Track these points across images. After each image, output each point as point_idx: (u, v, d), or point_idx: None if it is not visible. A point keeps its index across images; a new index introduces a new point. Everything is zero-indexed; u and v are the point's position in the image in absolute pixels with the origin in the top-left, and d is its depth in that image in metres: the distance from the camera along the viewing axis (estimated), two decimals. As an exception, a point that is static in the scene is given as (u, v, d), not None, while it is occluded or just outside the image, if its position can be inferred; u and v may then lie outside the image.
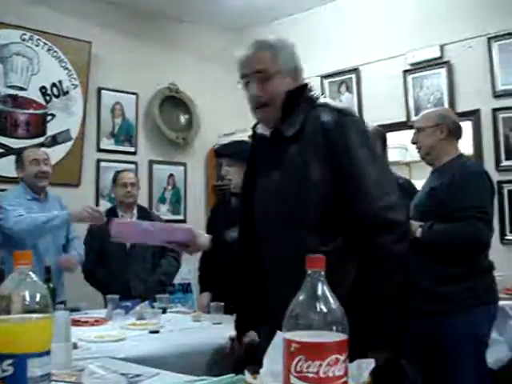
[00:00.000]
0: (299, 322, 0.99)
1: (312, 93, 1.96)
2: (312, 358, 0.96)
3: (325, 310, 0.98)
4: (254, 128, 2.11)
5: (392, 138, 4.75)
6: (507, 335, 3.61)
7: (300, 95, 1.93)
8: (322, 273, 1.01)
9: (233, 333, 2.76)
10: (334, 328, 0.98)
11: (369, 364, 1.42)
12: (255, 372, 1.49)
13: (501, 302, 3.36)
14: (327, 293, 1.00)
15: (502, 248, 4.45)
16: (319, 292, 1.00)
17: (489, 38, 4.75)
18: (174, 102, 5.82)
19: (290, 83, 1.91)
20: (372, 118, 5.07)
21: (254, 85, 1.89)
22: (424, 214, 2.83)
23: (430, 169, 3.10)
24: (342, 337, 0.98)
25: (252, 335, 2.65)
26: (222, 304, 3.20)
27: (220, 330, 2.91)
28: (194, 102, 5.88)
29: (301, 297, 1.01)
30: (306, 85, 1.98)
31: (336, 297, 1.00)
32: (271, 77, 1.88)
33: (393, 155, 5.04)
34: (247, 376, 1.41)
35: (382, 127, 4.03)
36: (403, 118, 5.06)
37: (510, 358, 3.62)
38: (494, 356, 3.44)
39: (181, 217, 5.80)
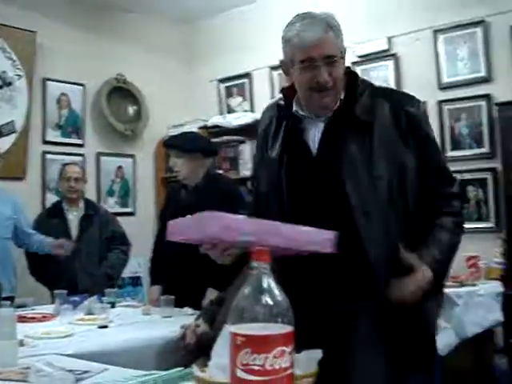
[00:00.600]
0: (245, 315, 0.98)
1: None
2: (258, 350, 0.96)
3: (270, 302, 0.98)
4: (282, 106, 1.97)
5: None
6: (453, 322, 3.70)
7: (355, 78, 1.91)
8: (268, 265, 1.00)
9: (186, 322, 2.76)
10: (280, 320, 0.98)
11: (317, 354, 1.43)
12: (204, 365, 1.48)
13: (447, 290, 3.44)
14: (272, 285, 1.00)
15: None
16: (265, 285, 0.99)
17: (435, 31, 4.84)
18: (121, 93, 5.73)
19: (343, 66, 1.86)
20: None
21: (323, 70, 1.77)
22: None
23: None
24: (288, 329, 0.98)
25: (204, 326, 2.64)
26: (173, 297, 3.17)
27: (170, 323, 2.89)
28: (143, 93, 5.80)
29: (246, 290, 1.00)
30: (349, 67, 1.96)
31: None
32: (337, 61, 1.80)
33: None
34: (195, 370, 1.40)
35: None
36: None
37: (456, 343, 3.72)
38: (443, 342, 3.53)
39: (130, 209, 5.73)
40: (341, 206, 1.78)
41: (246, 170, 5.35)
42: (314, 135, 1.88)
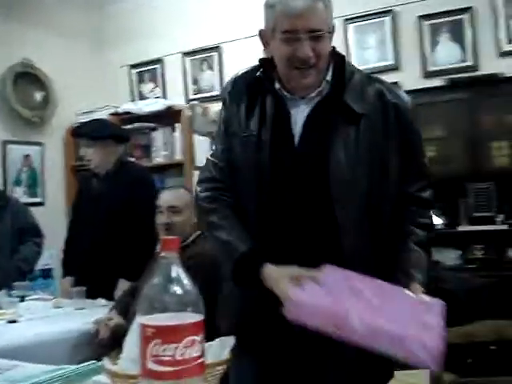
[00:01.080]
0: (154, 305, 0.97)
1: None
2: (168, 341, 0.95)
3: (179, 291, 0.98)
4: (262, 80, 1.76)
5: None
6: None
7: (343, 61, 1.77)
8: (176, 255, 1.00)
9: (99, 317, 2.71)
10: (190, 309, 0.98)
11: (229, 341, 1.44)
12: (117, 358, 1.46)
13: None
14: (182, 274, 0.99)
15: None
16: (174, 274, 0.98)
17: (345, 20, 4.93)
18: (28, 78, 5.50)
19: (329, 44, 1.70)
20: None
21: (306, 44, 1.60)
22: None
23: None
24: (198, 318, 0.98)
25: (117, 319, 2.60)
26: (85, 288, 3.11)
27: (83, 315, 2.83)
28: (51, 78, 5.60)
29: (155, 280, 0.99)
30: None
31: None
32: (323, 36, 1.63)
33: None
34: (106, 363, 1.38)
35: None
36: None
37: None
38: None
39: (38, 199, 5.54)
40: (322, 198, 1.67)
41: (158, 158, 5.29)
42: (297, 121, 1.72)
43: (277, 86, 1.73)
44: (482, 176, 4.32)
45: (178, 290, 0.98)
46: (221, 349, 1.42)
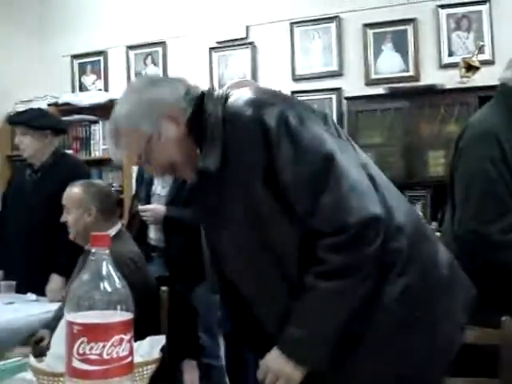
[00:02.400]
0: (82, 302, 0.95)
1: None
2: (95, 339, 0.93)
3: (109, 289, 0.95)
4: None
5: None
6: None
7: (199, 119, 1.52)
8: (107, 251, 0.97)
9: (30, 309, 2.63)
10: (119, 307, 0.95)
11: (160, 341, 1.42)
12: (43, 355, 1.42)
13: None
14: (112, 272, 0.97)
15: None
16: (103, 271, 0.96)
17: (291, 23, 4.96)
18: (-36, 63, 5.32)
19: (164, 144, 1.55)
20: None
21: (147, 166, 1.59)
22: None
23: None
24: (127, 316, 0.96)
25: (42, 332, 2.50)
26: (14, 283, 3.02)
27: (12, 310, 2.75)
28: (-12, 64, 5.42)
29: (84, 276, 0.96)
30: None
31: None
32: (150, 147, 1.52)
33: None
34: (31, 360, 1.34)
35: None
36: (208, 95, 5.09)
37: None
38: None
39: (-29, 189, 5.35)
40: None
41: (97, 151, 5.19)
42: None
43: None
44: (417, 184, 4.42)
45: (107, 287, 0.95)
46: (151, 348, 1.40)
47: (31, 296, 3.04)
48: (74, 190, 2.53)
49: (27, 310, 2.73)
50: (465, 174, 1.95)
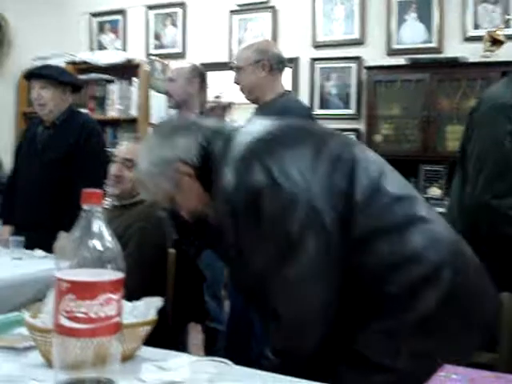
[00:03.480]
0: (72, 259, 0.92)
1: None
2: (82, 297, 0.91)
3: (100, 247, 0.93)
4: None
5: (213, 77, 4.75)
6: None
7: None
8: (99, 208, 0.95)
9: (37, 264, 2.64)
10: (109, 266, 0.93)
11: (156, 302, 1.41)
12: (38, 311, 1.41)
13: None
14: (103, 230, 0.94)
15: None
16: (95, 229, 0.94)
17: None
18: (-17, 18, 5.29)
19: None
20: (195, 56, 5.03)
21: None
22: None
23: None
24: (117, 275, 0.94)
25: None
26: (23, 238, 3.02)
27: (18, 265, 2.76)
28: (7, 20, 5.38)
29: (76, 233, 0.94)
30: None
31: None
32: None
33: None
34: (26, 315, 1.33)
35: (204, 66, 3.98)
36: (226, 59, 5.04)
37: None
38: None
39: (-14, 144, 5.37)
40: None
41: (113, 111, 5.16)
42: None
43: None
44: (434, 158, 4.35)
45: (97, 245, 0.93)
46: (147, 309, 1.39)
47: (40, 252, 3.05)
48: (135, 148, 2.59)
49: (35, 266, 2.73)
50: (479, 147, 1.90)
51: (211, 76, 4.72)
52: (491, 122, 1.88)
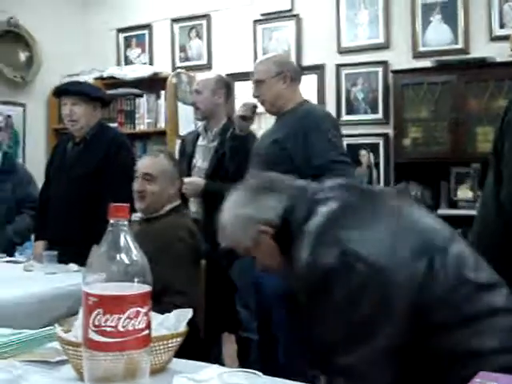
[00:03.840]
0: (99, 274, 0.94)
1: None
2: (110, 311, 0.92)
3: (126, 261, 0.94)
4: None
5: (239, 88, 4.77)
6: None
7: None
8: (126, 222, 0.96)
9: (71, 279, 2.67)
10: (136, 280, 0.94)
11: (187, 314, 1.41)
12: (70, 325, 1.43)
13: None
14: (130, 243, 0.95)
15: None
16: (121, 243, 0.95)
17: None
18: (13, 37, 5.39)
19: None
20: (220, 67, 5.06)
21: None
22: (268, 165, 2.68)
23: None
24: (144, 289, 0.95)
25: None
26: (56, 253, 3.06)
27: (51, 280, 2.79)
28: (36, 38, 5.49)
29: (102, 248, 0.95)
30: None
31: None
32: None
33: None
34: (58, 329, 1.35)
35: (230, 76, 4.01)
36: (251, 69, 5.02)
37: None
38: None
39: (19, 161, 5.46)
40: None
41: (141, 125, 5.22)
42: None
43: None
44: (465, 160, 4.29)
45: (124, 259, 0.94)
46: (177, 321, 1.39)
47: (73, 266, 3.08)
48: (163, 159, 2.63)
49: (69, 280, 2.76)
50: None
51: (237, 86, 4.74)
52: None
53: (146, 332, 0.96)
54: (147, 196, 2.56)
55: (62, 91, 3.42)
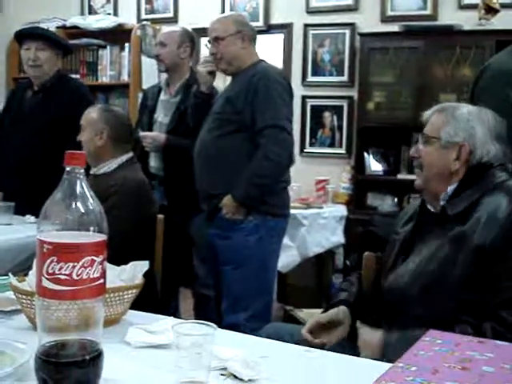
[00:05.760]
0: (54, 221, 0.92)
1: None
2: (65, 259, 0.91)
3: (82, 209, 0.92)
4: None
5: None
6: (297, 242, 3.84)
7: None
8: (82, 170, 0.94)
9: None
10: (92, 228, 0.93)
11: (143, 266, 1.41)
12: (25, 274, 1.41)
13: (294, 211, 3.54)
14: (86, 191, 0.94)
15: (301, 160, 4.66)
16: (77, 191, 0.93)
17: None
18: (-29, -20, 5.19)
19: None
20: (187, 21, 4.97)
21: None
22: (221, 122, 2.70)
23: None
24: (100, 237, 0.94)
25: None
26: (13, 204, 3.01)
27: (7, 230, 2.75)
28: (-4, -17, 5.28)
29: (58, 195, 0.93)
30: None
31: None
32: None
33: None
34: (12, 279, 1.33)
35: (195, 31, 3.93)
36: (219, 24, 4.96)
37: (299, 262, 3.88)
38: (286, 260, 3.67)
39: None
40: None
41: (104, 77, 5.11)
42: None
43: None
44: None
45: (80, 207, 0.92)
46: (133, 273, 1.39)
47: (30, 218, 3.03)
48: (92, 112, 2.57)
49: (26, 231, 2.73)
50: None
51: (203, 41, 4.67)
52: (496, 88, 1.87)
53: (101, 281, 0.95)
54: (83, 146, 2.50)
55: (28, 35, 3.30)
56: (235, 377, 1.08)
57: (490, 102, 1.83)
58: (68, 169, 0.94)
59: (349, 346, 1.60)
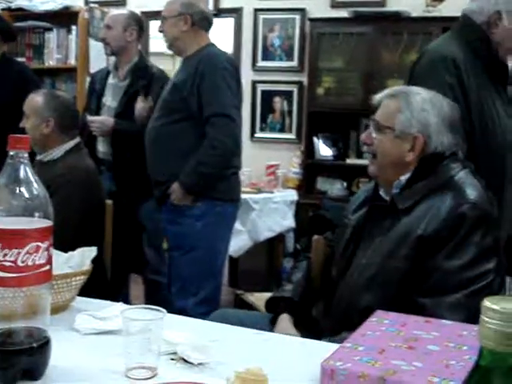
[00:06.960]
0: (-2, 207, 0.90)
1: None
2: (9, 245, 0.89)
3: (26, 195, 0.91)
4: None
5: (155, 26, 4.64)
6: (248, 226, 3.87)
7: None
8: (26, 154, 0.92)
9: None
10: (37, 215, 0.91)
11: (91, 252, 1.39)
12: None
13: (245, 196, 3.56)
14: (30, 176, 0.92)
15: (251, 145, 4.68)
16: (21, 175, 0.91)
17: None
18: None
19: None
20: (135, 4, 4.90)
21: None
22: (169, 110, 2.67)
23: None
24: (45, 223, 0.92)
25: None
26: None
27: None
28: None
29: (1, 180, 0.91)
30: None
31: None
32: None
33: (156, 46, 4.94)
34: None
35: (145, 14, 3.88)
36: (168, 8, 4.90)
37: (250, 246, 3.90)
38: (237, 245, 3.68)
39: None
40: None
41: (50, 60, 4.99)
42: None
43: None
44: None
45: (24, 192, 0.91)
46: (82, 259, 1.37)
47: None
48: (36, 99, 2.46)
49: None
50: None
51: (153, 25, 4.62)
52: (431, 73, 1.90)
53: (47, 267, 0.93)
54: (27, 134, 2.40)
55: None
56: (185, 361, 1.09)
57: (427, 87, 1.87)
58: (12, 153, 0.92)
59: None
